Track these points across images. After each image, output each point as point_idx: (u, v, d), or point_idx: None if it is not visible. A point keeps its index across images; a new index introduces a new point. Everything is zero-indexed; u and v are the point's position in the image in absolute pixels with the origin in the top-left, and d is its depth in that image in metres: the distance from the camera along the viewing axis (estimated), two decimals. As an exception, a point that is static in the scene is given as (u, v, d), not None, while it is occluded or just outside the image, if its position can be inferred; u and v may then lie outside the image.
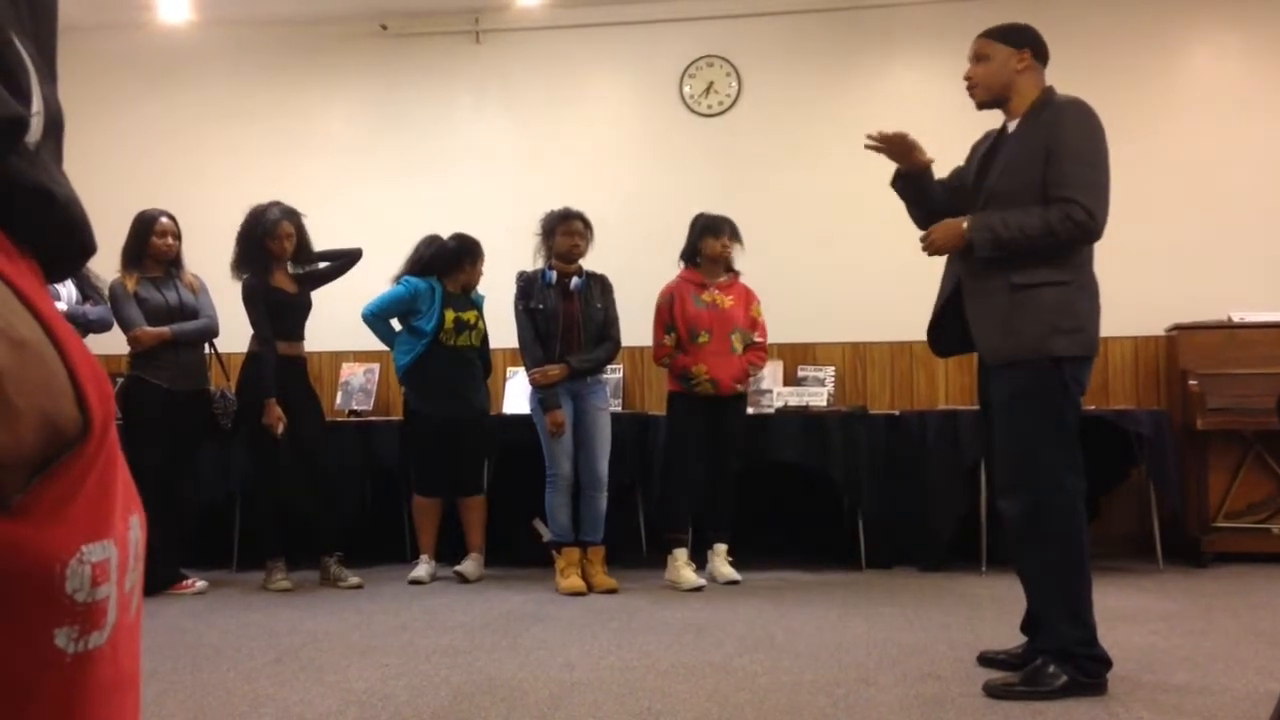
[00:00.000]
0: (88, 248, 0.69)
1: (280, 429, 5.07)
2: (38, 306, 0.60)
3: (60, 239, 0.67)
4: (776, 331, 5.50)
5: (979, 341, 3.24)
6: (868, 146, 3.47)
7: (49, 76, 0.68)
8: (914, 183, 3.48)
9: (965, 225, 3.16)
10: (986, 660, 3.41)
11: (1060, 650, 3.04)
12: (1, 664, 0.57)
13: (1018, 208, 3.11)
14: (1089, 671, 3.03)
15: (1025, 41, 3.28)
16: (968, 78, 3.34)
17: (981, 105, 3.35)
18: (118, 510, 0.64)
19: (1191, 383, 5.56)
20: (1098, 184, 3.07)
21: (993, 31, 3.33)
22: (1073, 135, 3.10)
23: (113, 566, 0.62)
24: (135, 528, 0.66)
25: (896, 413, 5.94)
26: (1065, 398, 3.09)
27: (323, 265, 5.44)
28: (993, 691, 3.03)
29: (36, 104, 0.64)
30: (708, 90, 6.74)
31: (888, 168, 6.76)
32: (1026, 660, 3.19)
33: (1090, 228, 3.04)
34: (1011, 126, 3.29)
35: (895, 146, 3.42)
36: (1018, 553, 3.25)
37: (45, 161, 0.65)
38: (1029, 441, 3.10)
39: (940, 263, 3.51)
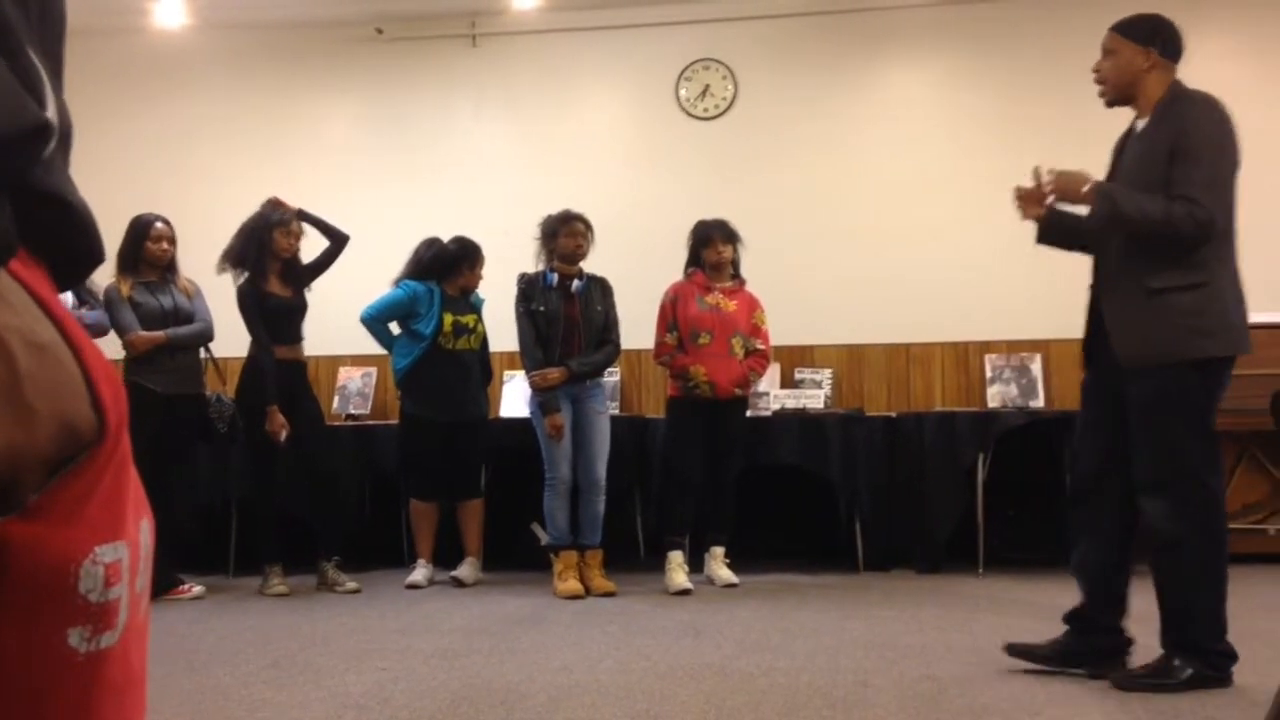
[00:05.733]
0: (98, 256, 0.71)
1: (284, 436, 5.06)
2: (54, 311, 0.61)
3: (74, 247, 0.69)
4: (774, 334, 5.50)
5: (1116, 345, 3.20)
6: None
7: (58, 86, 0.69)
8: (1057, 230, 3.42)
9: (1089, 186, 3.12)
10: (1016, 651, 3.38)
11: (1191, 645, 3.07)
12: (17, 664, 0.58)
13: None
14: (1216, 665, 3.07)
15: (1153, 38, 3.20)
16: (1095, 70, 3.27)
17: (1109, 104, 3.29)
18: (129, 513, 0.65)
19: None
20: (1217, 188, 3.05)
21: (1120, 25, 3.25)
22: (1198, 135, 3.08)
23: (124, 567, 0.63)
24: (145, 531, 0.68)
25: (893, 415, 5.94)
26: (1207, 399, 3.09)
27: (313, 260, 5.42)
28: (1120, 684, 3.05)
29: (51, 113, 0.65)
30: (704, 93, 6.74)
31: (882, 166, 6.80)
32: (1064, 650, 3.26)
33: (1209, 230, 3.02)
34: (1140, 125, 3.25)
35: (1029, 202, 3.35)
36: (1160, 552, 3.15)
37: (60, 169, 0.66)
38: (1172, 442, 3.09)
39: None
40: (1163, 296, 3.08)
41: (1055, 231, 3.43)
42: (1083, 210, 3.28)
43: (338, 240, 5.43)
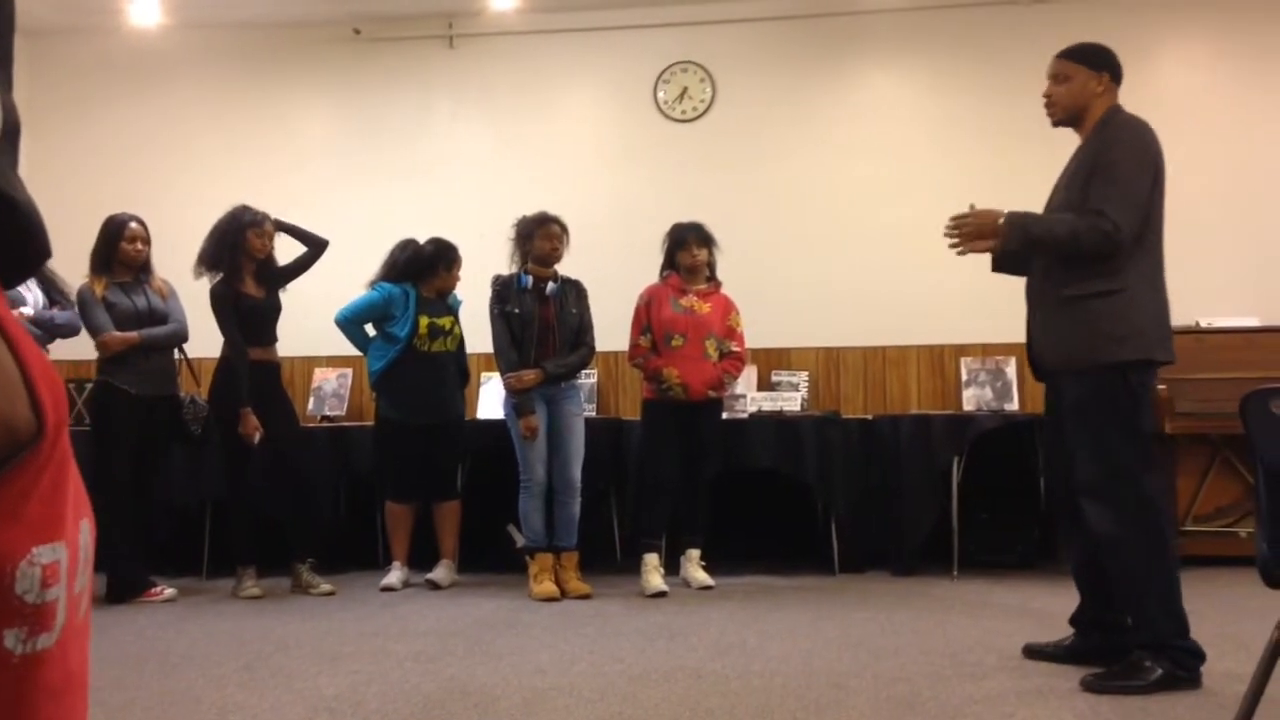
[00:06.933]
0: (43, 253, 0.70)
1: (257, 438, 5.03)
2: None
3: (18, 245, 0.68)
4: (750, 337, 5.51)
5: (1038, 351, 3.38)
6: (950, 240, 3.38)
7: (5, 83, 0.68)
8: (1011, 258, 3.54)
9: (1001, 221, 3.24)
10: (1033, 652, 3.51)
11: (1155, 644, 3.12)
12: None
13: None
14: (1183, 665, 3.11)
15: (1105, 65, 3.36)
16: (1046, 95, 3.41)
17: (1057, 124, 3.44)
18: (69, 513, 0.64)
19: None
20: (1128, 199, 3.16)
21: (1073, 53, 3.39)
22: (1114, 153, 3.21)
23: (63, 569, 0.62)
24: (85, 532, 0.66)
25: (869, 417, 5.96)
26: (1132, 401, 3.19)
27: (290, 263, 5.40)
28: (1089, 686, 3.09)
29: None
30: (682, 96, 6.75)
31: (860, 169, 6.80)
32: (1074, 650, 3.37)
33: (1115, 239, 3.13)
34: (1080, 146, 3.40)
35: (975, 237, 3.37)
36: (1102, 555, 3.25)
37: (4, 168, 0.66)
38: (1103, 445, 3.20)
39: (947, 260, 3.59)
40: (1078, 303, 3.23)
41: (1008, 260, 3.57)
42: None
43: (316, 245, 5.40)
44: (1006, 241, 3.25)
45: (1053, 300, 3.30)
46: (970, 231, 3.31)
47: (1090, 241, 3.14)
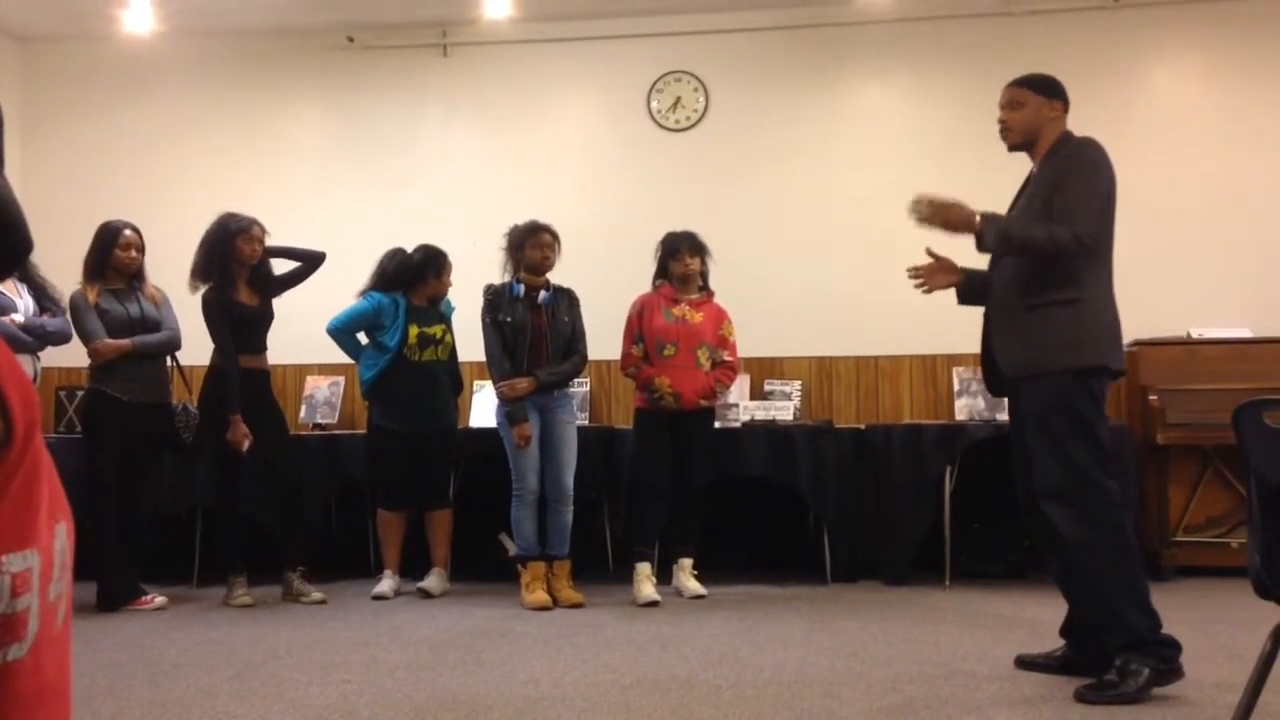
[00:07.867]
0: (24, 246, 0.68)
1: (246, 445, 5.02)
2: None
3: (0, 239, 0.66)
4: (743, 346, 5.52)
5: (1000, 357, 3.47)
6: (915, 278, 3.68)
7: None
8: (973, 289, 3.65)
9: (978, 217, 3.36)
10: (1025, 663, 3.55)
11: (1135, 642, 3.15)
12: None
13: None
14: (1165, 658, 3.15)
15: (1057, 93, 3.51)
16: (1002, 121, 3.54)
17: (1013, 148, 3.56)
18: (42, 519, 0.62)
19: (1152, 398, 5.62)
20: (1090, 210, 3.29)
21: (1025, 82, 3.54)
22: (1075, 171, 3.35)
23: (34, 576, 0.61)
24: (61, 536, 0.65)
25: (862, 426, 5.96)
26: (1091, 406, 3.27)
27: (285, 272, 5.39)
28: (1083, 698, 3.10)
29: None
30: (675, 105, 6.76)
31: (852, 179, 6.85)
32: (1067, 662, 3.40)
33: (1085, 243, 3.25)
34: (1034, 171, 3.52)
35: (936, 273, 3.64)
36: (1070, 559, 3.31)
37: None
38: (1063, 448, 3.27)
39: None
40: (1040, 310, 3.34)
41: (970, 291, 3.67)
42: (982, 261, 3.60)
43: (312, 260, 5.39)
44: (981, 238, 3.34)
45: (1017, 308, 3.39)
46: (942, 219, 3.39)
47: (1066, 245, 3.24)
